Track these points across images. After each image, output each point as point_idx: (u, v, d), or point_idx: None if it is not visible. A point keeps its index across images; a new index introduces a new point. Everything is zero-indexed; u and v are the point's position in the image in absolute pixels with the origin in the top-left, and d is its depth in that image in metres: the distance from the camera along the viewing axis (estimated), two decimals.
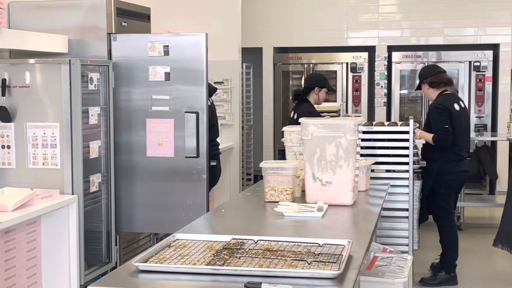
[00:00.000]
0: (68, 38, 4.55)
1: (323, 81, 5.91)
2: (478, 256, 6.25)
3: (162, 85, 4.81)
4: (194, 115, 4.81)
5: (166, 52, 4.81)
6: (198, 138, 4.79)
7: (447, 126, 5.13)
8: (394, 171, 4.72)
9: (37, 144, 4.18)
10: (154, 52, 4.81)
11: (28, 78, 4.18)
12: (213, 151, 5.27)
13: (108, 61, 4.58)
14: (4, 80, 4.14)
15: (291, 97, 6.13)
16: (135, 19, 4.91)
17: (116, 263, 4.66)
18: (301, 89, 5.99)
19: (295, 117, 5.60)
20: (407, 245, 4.75)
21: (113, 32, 4.64)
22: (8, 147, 4.22)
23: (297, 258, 2.32)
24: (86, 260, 4.29)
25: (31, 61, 4.22)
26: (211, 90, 5.28)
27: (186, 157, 4.80)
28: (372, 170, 4.50)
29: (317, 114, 5.78)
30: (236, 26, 7.39)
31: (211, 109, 5.36)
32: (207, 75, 4.88)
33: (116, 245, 4.70)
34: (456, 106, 5.25)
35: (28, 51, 4.30)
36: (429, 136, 5.19)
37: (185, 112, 4.80)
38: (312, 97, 5.83)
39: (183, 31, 6.66)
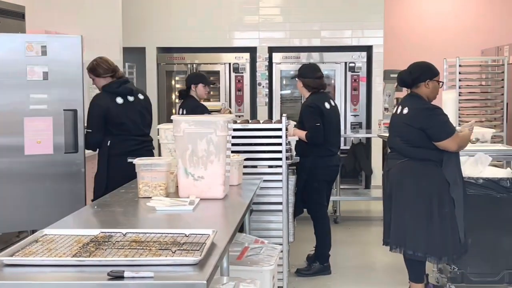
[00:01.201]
0: None
1: (197, 77, 6.52)
2: (353, 247, 6.58)
3: (40, 84, 4.85)
4: (72, 112, 4.92)
5: (44, 52, 4.86)
6: (76, 135, 4.91)
7: (318, 124, 5.39)
8: (274, 166, 4.91)
9: None
10: (31, 52, 4.80)
11: None
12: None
13: None
14: None
15: (178, 96, 6.65)
16: (8, 18, 4.85)
17: None
18: (184, 88, 6.52)
19: (184, 112, 6.18)
20: (282, 237, 4.95)
21: None
22: None
23: (162, 248, 2.43)
24: None
25: None
26: (133, 90, 5.08)
27: (65, 153, 4.91)
28: (255, 166, 4.72)
29: (202, 106, 6.32)
30: (117, 25, 7.38)
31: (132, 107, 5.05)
32: (83, 76, 4.98)
33: None
34: (327, 105, 5.53)
35: None
36: (302, 133, 5.44)
37: (64, 110, 4.90)
38: (194, 94, 6.37)
39: (62, 30, 6.61)
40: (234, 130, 4.43)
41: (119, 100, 4.91)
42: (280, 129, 4.84)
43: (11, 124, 4.76)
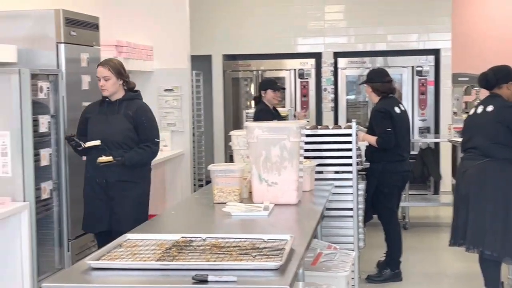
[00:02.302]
0: (17, 47, 4.59)
1: (266, 84, 6.76)
2: (423, 254, 6.48)
3: None
4: None
5: None
6: None
7: (389, 129, 5.34)
8: (341, 172, 4.89)
9: None
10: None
11: None
12: None
13: (57, 70, 4.65)
14: None
15: (254, 103, 6.97)
16: (83, 28, 4.98)
17: None
18: (258, 95, 6.81)
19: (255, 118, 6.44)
20: (353, 243, 4.92)
21: (62, 41, 4.70)
22: None
23: (243, 253, 2.46)
24: (38, 267, 4.34)
25: None
26: None
27: None
28: (321, 172, 4.71)
29: (267, 111, 6.48)
30: (185, 34, 7.51)
31: None
32: None
33: (68, 251, 4.75)
34: (397, 109, 5.48)
35: None
36: (373, 139, 5.40)
37: None
38: (265, 99, 6.61)
39: (133, 40, 6.78)
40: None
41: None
42: (350, 135, 4.82)
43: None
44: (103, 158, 4.28)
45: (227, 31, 9.49)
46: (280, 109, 7.57)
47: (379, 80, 5.54)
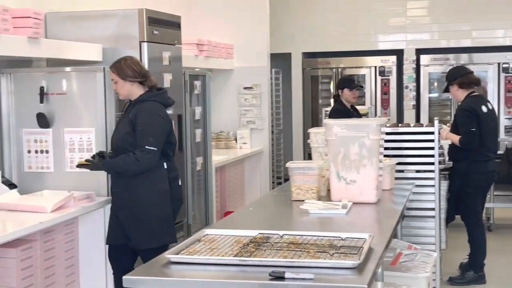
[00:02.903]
0: (102, 46, 4.72)
1: (343, 83, 6.67)
2: (508, 256, 6.27)
3: None
4: None
5: None
6: None
7: (473, 129, 5.18)
8: (423, 171, 4.79)
9: (74, 148, 4.35)
10: None
11: (65, 85, 4.36)
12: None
13: None
14: (42, 88, 4.33)
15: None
16: (166, 27, 5.07)
17: None
18: (337, 94, 6.71)
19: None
20: (434, 244, 4.81)
21: (145, 40, 4.80)
22: (47, 151, 4.40)
23: (320, 250, 2.45)
24: None
25: (68, 69, 4.40)
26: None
27: None
28: (402, 171, 4.62)
29: (341, 111, 6.35)
30: (264, 32, 7.54)
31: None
32: None
33: None
34: (484, 108, 5.31)
35: (64, 60, 4.49)
36: (456, 138, 5.26)
37: None
38: (342, 98, 6.52)
39: (213, 39, 6.86)
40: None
41: (168, 113, 4.16)
42: (432, 133, 4.71)
43: None
44: (81, 161, 3.98)
45: (306, 28, 9.47)
46: (360, 107, 7.47)
47: (460, 75, 5.40)
